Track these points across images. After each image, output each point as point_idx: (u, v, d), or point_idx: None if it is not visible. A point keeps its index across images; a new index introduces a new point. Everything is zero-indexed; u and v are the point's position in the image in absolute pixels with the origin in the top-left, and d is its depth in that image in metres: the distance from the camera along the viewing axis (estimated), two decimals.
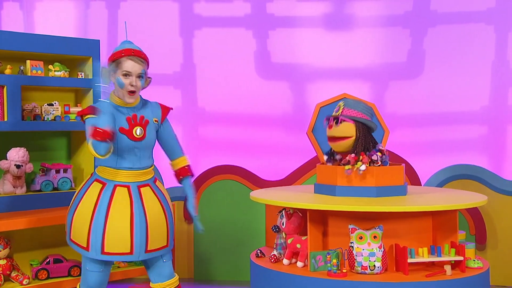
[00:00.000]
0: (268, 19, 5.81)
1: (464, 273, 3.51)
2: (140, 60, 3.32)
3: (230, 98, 5.80)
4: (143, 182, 3.41)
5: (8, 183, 4.19)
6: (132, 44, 3.39)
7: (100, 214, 3.30)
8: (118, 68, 3.30)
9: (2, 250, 3.93)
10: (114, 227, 3.29)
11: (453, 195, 3.90)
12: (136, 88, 3.31)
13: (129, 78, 3.29)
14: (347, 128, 3.77)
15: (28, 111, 4.22)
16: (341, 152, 3.84)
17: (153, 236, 3.36)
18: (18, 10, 5.91)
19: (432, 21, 5.65)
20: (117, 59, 3.32)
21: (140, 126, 3.36)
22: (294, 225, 3.77)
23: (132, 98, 3.33)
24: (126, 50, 3.32)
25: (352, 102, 3.84)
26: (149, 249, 3.36)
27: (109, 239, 3.29)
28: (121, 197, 3.34)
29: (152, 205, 3.39)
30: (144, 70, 3.34)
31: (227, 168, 5.32)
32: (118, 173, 3.36)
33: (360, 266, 3.51)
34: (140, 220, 3.32)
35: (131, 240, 3.30)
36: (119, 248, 3.30)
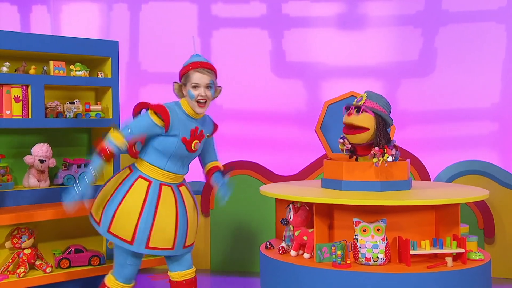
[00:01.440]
0: (283, 20, 5.96)
1: (465, 264, 3.63)
2: (207, 71, 3.47)
3: (246, 96, 5.96)
4: (180, 183, 3.65)
5: (32, 177, 4.38)
6: (200, 57, 3.55)
7: (149, 211, 3.47)
8: (188, 81, 3.47)
9: (27, 240, 4.11)
10: (161, 224, 3.49)
11: (455, 190, 4.02)
12: (207, 98, 3.47)
13: (198, 89, 3.45)
14: (367, 119, 3.85)
15: (51, 109, 4.40)
16: (355, 144, 3.94)
17: (191, 233, 3.63)
18: (46, 13, 6.16)
19: (444, 20, 5.75)
20: (186, 73, 3.49)
21: (199, 141, 3.55)
22: (301, 218, 3.93)
23: (203, 108, 3.48)
24: (193, 64, 3.49)
25: (375, 95, 3.94)
26: (186, 245, 3.62)
27: (156, 235, 3.48)
28: (167, 196, 3.54)
29: (190, 204, 3.64)
30: (213, 81, 3.49)
31: (242, 163, 5.48)
32: (164, 174, 3.53)
33: (364, 257, 3.65)
34: (183, 218, 3.56)
35: (175, 237, 3.53)
36: (163, 244, 3.52)
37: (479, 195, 3.74)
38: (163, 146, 3.48)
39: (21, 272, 4.02)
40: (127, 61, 6.03)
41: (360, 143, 3.91)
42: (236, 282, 5.21)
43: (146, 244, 3.48)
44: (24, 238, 4.11)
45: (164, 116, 3.41)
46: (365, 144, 3.90)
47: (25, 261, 4.11)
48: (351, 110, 3.89)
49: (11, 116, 4.22)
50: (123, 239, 3.50)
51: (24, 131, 4.43)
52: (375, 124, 3.86)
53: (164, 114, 3.41)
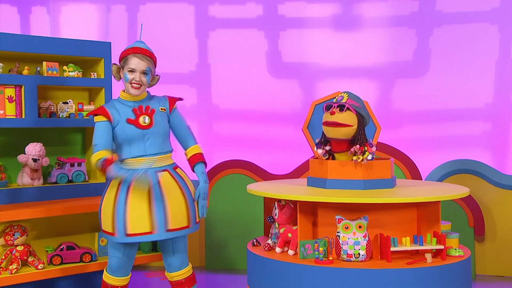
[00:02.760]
0: (279, 20, 6.01)
1: (444, 261, 3.67)
2: (145, 58, 3.56)
3: (243, 96, 6.02)
4: (160, 168, 3.62)
5: (26, 175, 4.45)
6: (142, 43, 3.64)
7: (121, 199, 3.53)
8: (125, 65, 3.57)
9: (19, 237, 4.17)
10: (134, 209, 3.51)
11: (437, 188, 4.06)
12: (141, 82, 3.55)
13: (133, 74, 3.55)
14: (350, 117, 3.91)
15: (44, 109, 4.48)
16: (335, 138, 3.98)
17: (173, 216, 3.55)
18: (45, 14, 6.25)
19: (438, 21, 5.77)
20: (125, 57, 3.59)
21: (147, 115, 3.60)
22: (286, 215, 3.98)
23: (137, 91, 3.56)
24: (133, 49, 3.59)
25: (354, 95, 4.01)
26: (170, 228, 3.55)
27: (131, 220, 3.51)
28: None
29: (170, 188, 3.59)
30: (149, 68, 3.57)
31: (237, 162, 5.55)
32: (133, 161, 3.58)
33: (346, 254, 3.70)
34: (158, 200, 3.53)
35: (151, 220, 3.51)
36: (141, 228, 3.51)
37: (459, 192, 3.78)
38: (119, 137, 3.58)
39: (13, 268, 4.08)
40: None
41: (341, 138, 3.94)
42: (230, 279, 5.27)
43: (125, 232, 3.52)
44: (17, 235, 4.17)
45: (101, 111, 3.57)
46: (343, 139, 3.94)
47: (17, 258, 4.17)
48: (333, 108, 3.94)
49: (5, 116, 4.30)
50: (108, 232, 3.59)
51: (17, 130, 4.51)
52: (357, 122, 3.92)
53: (101, 110, 3.58)
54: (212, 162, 5.82)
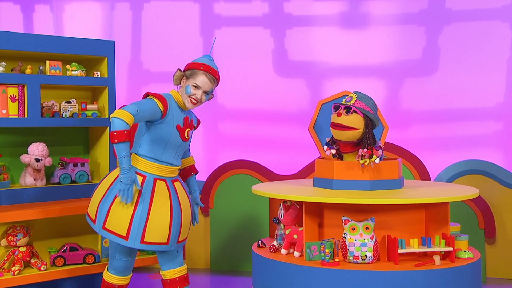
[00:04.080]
0: (285, 18, 5.95)
1: (453, 263, 3.60)
2: (214, 79, 3.54)
3: (248, 95, 5.96)
4: (174, 178, 3.64)
5: (29, 176, 4.42)
6: (212, 61, 3.60)
7: (143, 205, 3.46)
8: (191, 77, 3.52)
9: (22, 238, 4.14)
10: (156, 219, 3.48)
11: (446, 189, 3.98)
12: (200, 100, 3.53)
13: (197, 90, 3.51)
14: (357, 120, 3.85)
15: (47, 108, 4.43)
16: (342, 141, 3.92)
17: (184, 228, 3.62)
18: (49, 12, 6.22)
19: (447, 19, 5.69)
20: (195, 70, 3.53)
21: (191, 129, 3.62)
22: (292, 216, 3.92)
23: (192, 106, 3.54)
24: (206, 66, 3.53)
25: (364, 96, 3.93)
26: (180, 240, 3.60)
27: (150, 230, 3.47)
28: (161, 190, 3.53)
29: (184, 199, 3.63)
30: (212, 89, 3.57)
31: (242, 162, 5.48)
32: (159, 166, 3.53)
33: (352, 256, 3.64)
34: (177, 213, 3.55)
35: (169, 232, 3.52)
36: (158, 239, 3.49)
37: (469, 193, 3.70)
38: (160, 135, 3.50)
39: (16, 270, 4.05)
40: (129, 61, 6.07)
41: (346, 140, 3.88)
42: (235, 281, 5.21)
43: (141, 239, 3.46)
44: (19, 236, 4.14)
45: (163, 101, 3.47)
46: (350, 142, 3.88)
47: (20, 259, 4.14)
48: (340, 110, 3.87)
49: (7, 115, 4.26)
50: (118, 234, 3.49)
51: (20, 130, 4.48)
52: (364, 125, 3.85)
53: (163, 100, 3.48)
54: (217, 162, 5.77)
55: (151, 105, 3.44)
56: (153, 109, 3.45)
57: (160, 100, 3.47)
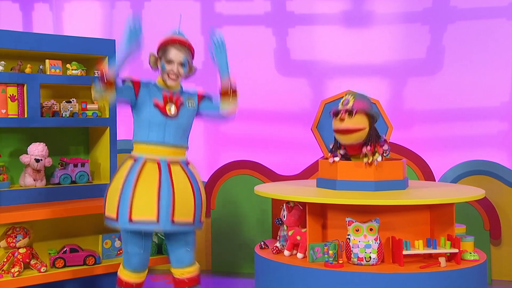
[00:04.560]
0: (288, 17, 5.90)
1: (459, 265, 3.55)
2: (184, 49, 3.55)
3: (250, 94, 5.85)
4: (173, 160, 3.55)
5: (28, 176, 4.37)
6: (179, 33, 3.63)
7: (128, 184, 3.45)
8: (163, 56, 3.55)
9: (22, 240, 4.09)
10: (141, 194, 3.42)
11: (451, 190, 3.93)
12: (178, 73, 3.53)
13: (171, 65, 3.52)
14: (361, 120, 3.82)
15: (47, 108, 4.38)
16: (350, 144, 3.88)
17: (179, 208, 3.45)
18: (48, 10, 6.18)
19: (452, 17, 5.64)
20: (163, 47, 3.57)
21: (174, 105, 3.55)
22: (295, 217, 3.87)
23: (173, 81, 3.54)
24: (172, 39, 3.58)
25: (359, 94, 3.91)
26: (175, 220, 3.44)
27: (136, 206, 3.41)
28: (150, 169, 3.49)
29: (180, 180, 3.51)
30: (187, 58, 3.56)
31: (243, 163, 5.43)
32: (149, 147, 3.51)
33: (356, 257, 3.59)
34: (167, 190, 3.44)
35: (157, 207, 3.41)
36: (145, 213, 3.40)
37: (475, 194, 3.64)
38: (140, 116, 3.54)
39: (15, 271, 4.00)
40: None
41: (354, 142, 3.83)
42: (237, 283, 5.16)
43: (129, 217, 3.41)
44: (19, 237, 4.09)
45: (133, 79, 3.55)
46: (357, 143, 3.83)
47: (19, 261, 4.08)
48: (342, 115, 3.81)
49: (7, 115, 4.21)
50: (109, 217, 3.51)
51: (20, 130, 4.43)
52: (368, 123, 3.80)
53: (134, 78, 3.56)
54: (218, 163, 5.72)
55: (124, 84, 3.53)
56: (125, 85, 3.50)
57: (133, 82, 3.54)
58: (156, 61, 3.62)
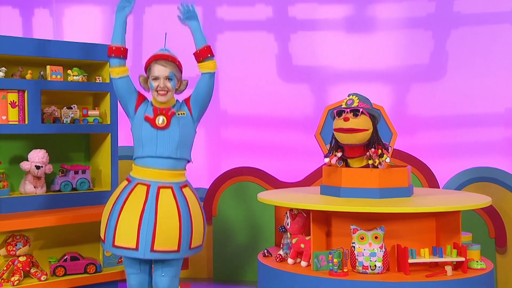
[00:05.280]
0: (290, 22, 5.86)
1: (465, 274, 3.49)
2: (168, 63, 3.57)
3: (252, 100, 5.86)
4: (165, 183, 3.51)
5: (29, 183, 4.33)
6: (163, 50, 3.65)
7: (116, 207, 3.49)
8: (150, 74, 3.60)
9: (22, 248, 4.06)
10: (125, 221, 3.44)
11: (457, 197, 3.88)
12: (167, 88, 3.55)
13: (157, 81, 3.55)
14: (365, 121, 3.79)
15: (47, 114, 4.35)
16: (351, 144, 3.82)
17: (161, 236, 3.41)
18: (48, 16, 6.14)
19: (455, 23, 5.58)
20: (149, 66, 3.62)
21: (164, 116, 3.55)
22: (299, 225, 3.83)
23: (163, 97, 3.56)
24: (155, 56, 3.61)
25: (362, 96, 3.90)
26: (155, 249, 3.41)
27: (119, 232, 3.45)
28: (138, 193, 3.49)
29: (166, 207, 3.47)
30: (173, 72, 3.58)
31: (245, 169, 5.38)
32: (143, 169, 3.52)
33: (361, 266, 3.54)
34: (148, 217, 3.42)
35: (137, 236, 3.40)
36: (126, 242, 3.42)
37: (481, 202, 3.59)
38: (134, 132, 3.58)
39: (15, 280, 3.97)
40: (130, 65, 5.92)
41: (357, 143, 3.79)
42: None
43: (113, 242, 3.46)
44: (19, 245, 4.06)
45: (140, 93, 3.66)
46: (360, 145, 3.78)
47: (19, 269, 4.05)
48: (346, 114, 3.77)
49: (7, 121, 4.18)
50: (101, 238, 3.58)
51: (20, 136, 4.40)
52: (372, 124, 3.77)
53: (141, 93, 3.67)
54: (220, 169, 5.67)
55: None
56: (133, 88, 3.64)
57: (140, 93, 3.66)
58: (146, 81, 3.66)
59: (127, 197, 3.48)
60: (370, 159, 3.75)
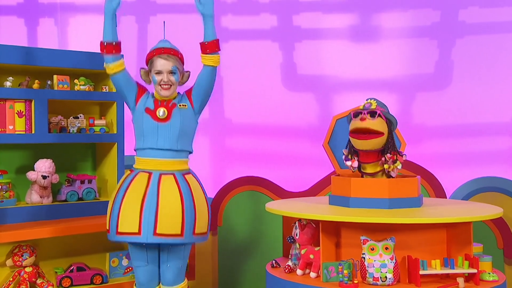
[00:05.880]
0: (294, 31, 5.86)
1: (477, 286, 3.47)
2: (170, 57, 3.55)
3: (257, 109, 5.86)
4: (167, 172, 3.53)
5: (35, 193, 4.30)
6: (166, 42, 3.64)
7: (119, 196, 3.51)
8: (152, 68, 3.57)
9: (28, 258, 4.03)
10: (127, 207, 3.45)
11: (468, 207, 3.86)
12: (170, 82, 3.53)
13: (160, 75, 3.53)
14: (382, 124, 3.75)
15: (54, 123, 4.33)
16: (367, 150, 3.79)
17: (163, 220, 3.41)
18: (53, 25, 6.13)
19: (460, 32, 5.59)
20: (150, 59, 3.59)
21: (165, 108, 3.54)
22: (308, 236, 3.80)
23: (167, 91, 3.55)
24: (157, 50, 3.59)
25: (380, 101, 3.86)
26: (157, 232, 3.40)
27: (122, 218, 3.45)
28: (140, 180, 3.50)
29: (168, 192, 3.47)
30: (176, 66, 3.56)
31: (251, 179, 5.34)
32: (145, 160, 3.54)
33: (372, 277, 3.51)
34: (150, 202, 3.43)
35: (140, 220, 3.40)
36: (129, 228, 3.43)
37: (493, 213, 3.58)
38: (136, 124, 3.59)
39: None
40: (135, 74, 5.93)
41: (372, 149, 3.76)
42: None
43: (116, 230, 3.46)
44: (25, 256, 4.02)
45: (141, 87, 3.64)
46: (373, 150, 3.77)
47: (26, 280, 4.01)
48: (363, 115, 3.75)
49: (14, 131, 4.16)
50: (106, 230, 3.58)
51: (27, 146, 4.37)
52: (387, 129, 3.75)
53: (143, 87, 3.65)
54: (224, 178, 5.65)
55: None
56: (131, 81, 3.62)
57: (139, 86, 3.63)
58: (147, 74, 3.64)
59: (128, 185, 3.50)
60: (386, 163, 3.73)
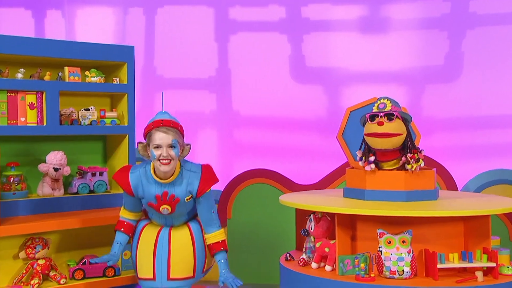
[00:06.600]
0: (303, 23, 5.83)
1: (496, 279, 3.44)
2: (170, 130, 3.31)
3: (265, 102, 5.83)
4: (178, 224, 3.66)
5: (47, 185, 4.28)
6: (164, 114, 3.41)
7: (134, 241, 3.61)
8: (150, 142, 3.35)
9: (41, 250, 4.01)
10: (141, 251, 3.54)
11: (485, 200, 3.84)
12: (170, 157, 3.32)
13: (159, 149, 3.31)
14: (400, 125, 3.72)
15: (65, 115, 4.30)
16: (385, 149, 3.77)
17: (176, 265, 3.48)
18: (60, 17, 6.09)
19: (471, 23, 5.57)
20: (149, 133, 3.37)
21: (169, 205, 3.45)
22: (323, 229, 3.77)
23: (167, 167, 3.32)
24: (155, 122, 3.36)
25: (393, 100, 3.82)
26: (171, 277, 3.49)
27: (139, 264, 3.55)
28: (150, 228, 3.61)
29: (179, 234, 3.55)
30: (176, 140, 3.33)
31: (260, 171, 5.33)
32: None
33: (389, 270, 3.49)
34: (162, 247, 3.49)
35: (153, 266, 3.48)
36: (145, 273, 3.52)
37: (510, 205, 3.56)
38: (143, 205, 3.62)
39: (34, 283, 3.92)
40: (142, 66, 5.93)
41: (391, 148, 3.74)
42: None
43: (137, 274, 3.58)
44: (38, 248, 4.01)
45: (124, 186, 3.46)
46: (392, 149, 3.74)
47: (39, 272, 4.00)
48: (380, 118, 3.71)
49: (26, 123, 4.15)
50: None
51: (38, 138, 4.36)
52: (405, 128, 3.72)
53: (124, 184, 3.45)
54: (233, 172, 5.63)
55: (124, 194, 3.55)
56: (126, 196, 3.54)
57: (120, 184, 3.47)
58: (145, 149, 3.41)
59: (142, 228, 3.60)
60: (408, 164, 3.70)
